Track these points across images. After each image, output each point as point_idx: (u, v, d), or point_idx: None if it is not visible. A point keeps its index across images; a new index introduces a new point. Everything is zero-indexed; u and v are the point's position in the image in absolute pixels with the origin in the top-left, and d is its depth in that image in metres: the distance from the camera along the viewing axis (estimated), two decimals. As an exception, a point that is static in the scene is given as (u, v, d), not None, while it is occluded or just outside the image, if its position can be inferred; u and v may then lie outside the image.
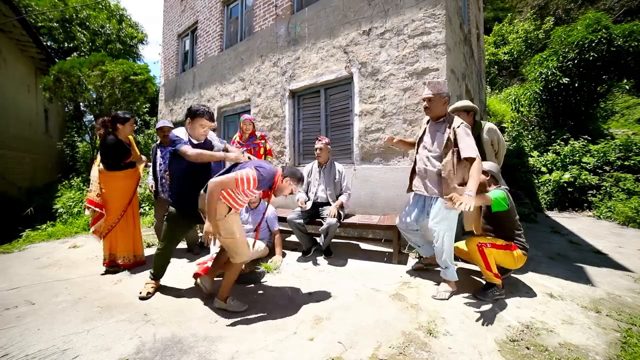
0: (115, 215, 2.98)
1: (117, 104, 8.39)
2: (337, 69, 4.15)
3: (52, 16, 12.87)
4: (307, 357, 1.61)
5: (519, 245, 2.28)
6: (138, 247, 3.14)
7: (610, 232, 4.38)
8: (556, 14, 14.93)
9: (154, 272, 2.46)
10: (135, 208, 3.17)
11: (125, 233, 3.02)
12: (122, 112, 3.00)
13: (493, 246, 2.24)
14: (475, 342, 1.72)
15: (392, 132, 3.61)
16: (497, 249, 2.24)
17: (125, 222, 3.03)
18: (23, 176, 9.29)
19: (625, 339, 1.73)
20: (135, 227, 3.11)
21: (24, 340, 1.79)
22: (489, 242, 2.26)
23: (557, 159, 6.81)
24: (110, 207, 2.97)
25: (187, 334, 1.84)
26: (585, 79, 7.18)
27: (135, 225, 3.12)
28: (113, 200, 2.97)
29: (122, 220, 3.00)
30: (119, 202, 3.00)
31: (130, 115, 3.01)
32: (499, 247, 2.25)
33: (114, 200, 2.97)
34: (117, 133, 2.92)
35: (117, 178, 2.96)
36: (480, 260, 2.21)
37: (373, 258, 3.20)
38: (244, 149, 3.58)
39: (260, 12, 5.36)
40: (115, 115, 2.94)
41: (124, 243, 3.00)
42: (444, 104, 2.25)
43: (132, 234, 3.08)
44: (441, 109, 2.27)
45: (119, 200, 3.00)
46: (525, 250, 2.30)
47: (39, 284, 2.69)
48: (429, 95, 2.24)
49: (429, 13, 3.35)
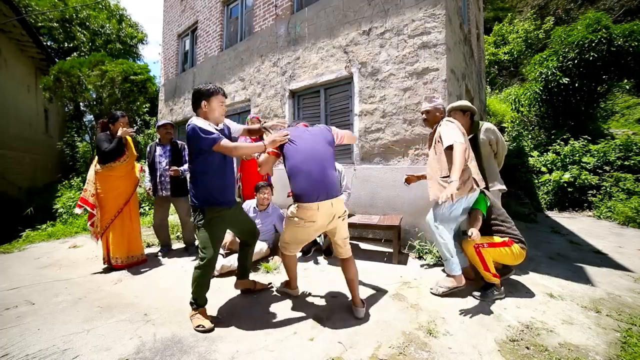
0: (110, 215, 2.98)
1: (117, 103, 8.40)
2: (337, 69, 4.15)
3: (52, 16, 12.88)
4: (307, 357, 1.61)
5: (515, 239, 2.28)
6: (135, 247, 3.12)
7: (610, 232, 4.38)
8: (556, 14, 14.93)
9: (195, 298, 1.96)
10: (133, 208, 3.16)
11: (119, 234, 3.00)
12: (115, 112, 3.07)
13: (490, 245, 2.25)
14: (475, 342, 1.72)
15: (392, 132, 3.61)
16: (495, 247, 2.25)
17: (121, 222, 3.02)
18: (23, 176, 9.30)
19: (625, 338, 1.73)
20: (131, 228, 3.10)
21: (24, 340, 1.79)
22: (485, 242, 2.27)
23: (557, 159, 6.81)
24: (105, 206, 2.97)
25: (187, 333, 1.84)
26: (586, 78, 7.18)
27: (132, 226, 3.11)
28: (108, 199, 2.97)
29: (116, 220, 3.00)
30: (114, 201, 3.00)
31: (121, 114, 3.04)
32: (496, 245, 2.25)
33: (109, 200, 2.97)
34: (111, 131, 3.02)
35: (112, 178, 2.98)
36: (478, 261, 2.22)
37: (373, 258, 3.20)
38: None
39: (260, 12, 5.36)
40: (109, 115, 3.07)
41: (117, 244, 2.99)
42: (440, 114, 2.42)
43: (128, 235, 3.06)
44: (437, 119, 2.42)
45: (114, 200, 3.00)
46: (523, 244, 2.29)
47: (39, 284, 2.69)
48: (427, 108, 2.44)
49: (429, 13, 3.35)
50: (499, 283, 2.24)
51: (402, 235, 3.40)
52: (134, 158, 3.17)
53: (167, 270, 3.00)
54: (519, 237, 2.32)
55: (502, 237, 2.30)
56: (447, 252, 2.28)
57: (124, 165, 3.03)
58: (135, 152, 3.21)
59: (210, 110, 1.96)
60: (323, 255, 3.28)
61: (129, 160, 3.10)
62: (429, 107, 2.42)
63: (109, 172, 2.96)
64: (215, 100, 1.96)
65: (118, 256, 3.00)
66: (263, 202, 3.18)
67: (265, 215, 3.21)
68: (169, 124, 3.50)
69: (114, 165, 2.96)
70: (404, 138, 3.53)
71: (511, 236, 2.30)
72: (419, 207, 3.34)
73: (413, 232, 3.38)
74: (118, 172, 3.00)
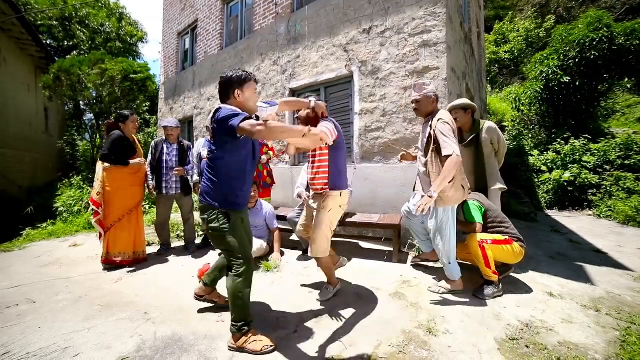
0: (117, 214, 3.00)
1: (117, 102, 8.39)
2: (337, 67, 4.14)
3: (52, 14, 12.84)
4: (307, 355, 1.62)
5: (514, 238, 2.33)
6: (139, 244, 3.17)
7: (610, 231, 4.38)
8: (557, 13, 14.88)
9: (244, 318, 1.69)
10: (140, 207, 3.22)
11: (127, 231, 3.05)
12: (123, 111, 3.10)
13: (494, 242, 2.27)
14: (475, 340, 1.72)
15: (393, 131, 3.60)
16: (497, 244, 2.28)
17: (129, 221, 3.06)
18: (23, 175, 9.30)
19: (624, 337, 1.73)
20: (138, 226, 3.15)
21: (25, 339, 1.80)
22: (489, 238, 2.29)
23: (558, 158, 6.80)
24: (112, 205, 2.98)
25: (188, 332, 1.84)
26: (586, 77, 7.15)
27: (139, 224, 3.16)
28: (116, 199, 2.99)
29: (124, 220, 3.03)
30: (122, 201, 3.02)
31: (130, 112, 3.08)
32: (498, 243, 2.28)
33: (117, 199, 3.00)
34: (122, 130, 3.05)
35: (123, 176, 3.02)
36: (481, 257, 2.23)
37: (373, 257, 3.21)
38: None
39: (260, 11, 5.35)
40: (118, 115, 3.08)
41: (124, 239, 3.03)
42: (432, 102, 2.24)
43: (135, 232, 3.11)
44: (430, 108, 2.25)
45: (122, 200, 3.03)
46: (522, 242, 2.34)
47: (40, 282, 2.70)
48: (416, 98, 2.26)
49: (430, 11, 3.34)
50: (497, 281, 2.25)
51: (402, 234, 3.40)
52: (141, 156, 3.21)
53: (167, 269, 3.01)
54: (518, 236, 2.36)
55: (503, 236, 2.33)
56: (447, 258, 2.24)
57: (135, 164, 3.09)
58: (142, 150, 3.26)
59: (245, 100, 1.72)
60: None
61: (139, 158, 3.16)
62: (418, 96, 2.23)
63: (122, 169, 3.00)
64: (250, 88, 1.73)
65: (124, 251, 3.02)
66: (252, 200, 3.20)
67: (255, 212, 3.22)
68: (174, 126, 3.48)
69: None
70: (404, 137, 3.53)
71: (510, 235, 2.34)
72: (419, 206, 3.34)
73: (413, 231, 3.38)
74: (129, 169, 3.05)
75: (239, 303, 1.68)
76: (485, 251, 2.23)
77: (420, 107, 2.27)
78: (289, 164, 4.75)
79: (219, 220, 1.66)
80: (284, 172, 4.72)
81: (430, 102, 2.23)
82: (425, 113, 2.29)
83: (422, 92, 2.23)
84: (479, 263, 2.26)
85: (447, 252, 2.21)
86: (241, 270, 1.69)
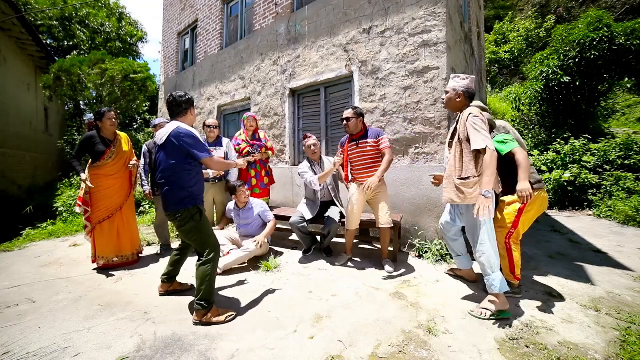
0: (101, 214, 2.97)
1: (117, 102, 8.39)
2: (337, 67, 4.14)
3: (52, 14, 12.84)
4: (307, 355, 1.62)
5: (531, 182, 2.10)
6: (125, 248, 3.08)
7: (610, 231, 4.38)
8: (557, 13, 14.88)
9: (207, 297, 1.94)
10: (128, 210, 3.14)
11: (108, 234, 2.97)
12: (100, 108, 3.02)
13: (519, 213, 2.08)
14: (475, 340, 1.72)
15: (393, 131, 3.60)
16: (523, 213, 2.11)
17: (110, 223, 3.00)
18: (23, 174, 9.30)
19: (624, 337, 1.73)
20: (124, 228, 3.07)
21: (25, 338, 1.80)
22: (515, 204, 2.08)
23: (558, 158, 6.79)
24: (95, 204, 2.96)
25: (188, 332, 1.84)
26: (586, 77, 7.15)
27: (125, 226, 3.08)
28: (99, 198, 2.96)
29: (106, 222, 2.98)
30: (104, 200, 2.98)
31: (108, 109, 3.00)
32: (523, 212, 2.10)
33: (99, 199, 2.96)
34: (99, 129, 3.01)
35: (100, 177, 2.95)
36: (506, 260, 2.13)
37: (373, 256, 3.21)
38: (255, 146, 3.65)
39: (260, 11, 5.34)
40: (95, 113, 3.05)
41: (104, 244, 2.97)
42: (458, 97, 2.17)
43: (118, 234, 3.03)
44: (457, 104, 2.20)
45: (104, 199, 2.98)
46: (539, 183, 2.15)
47: (40, 282, 2.70)
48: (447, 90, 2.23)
49: (430, 11, 3.34)
50: (516, 284, 2.21)
51: (402, 234, 3.40)
52: (125, 157, 3.08)
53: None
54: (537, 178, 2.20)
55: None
56: (489, 267, 1.98)
57: (111, 163, 2.98)
58: (131, 150, 3.16)
59: (194, 117, 2.22)
60: (323, 254, 3.28)
61: (117, 158, 3.02)
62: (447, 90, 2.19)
63: (97, 170, 2.95)
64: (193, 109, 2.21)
65: (104, 255, 2.97)
66: (244, 200, 3.19)
67: (246, 211, 3.21)
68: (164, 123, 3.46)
69: (100, 164, 2.94)
70: (404, 137, 3.53)
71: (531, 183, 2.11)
72: (419, 206, 3.35)
73: (413, 231, 3.38)
74: (105, 170, 2.96)
75: (207, 284, 1.94)
76: (511, 253, 2.11)
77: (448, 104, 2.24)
78: (289, 164, 4.75)
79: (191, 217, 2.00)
80: (284, 172, 4.72)
81: (459, 99, 2.17)
82: (452, 109, 2.24)
83: (452, 85, 2.19)
84: (503, 266, 2.14)
85: (487, 257, 1.97)
86: (210, 257, 2.00)
